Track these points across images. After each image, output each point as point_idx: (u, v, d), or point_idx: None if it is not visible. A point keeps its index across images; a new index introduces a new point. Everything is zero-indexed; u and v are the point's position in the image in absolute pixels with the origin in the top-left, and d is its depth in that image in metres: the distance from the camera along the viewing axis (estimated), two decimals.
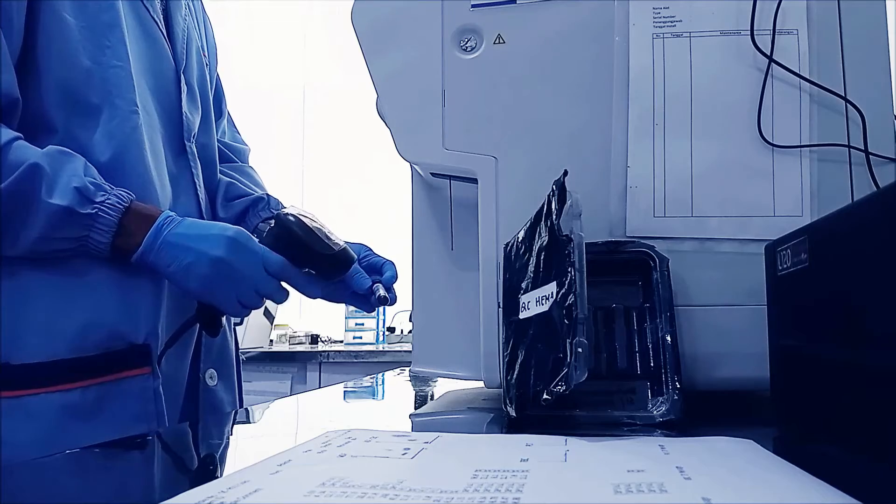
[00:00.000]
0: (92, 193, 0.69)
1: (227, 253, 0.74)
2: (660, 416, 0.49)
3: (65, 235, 0.69)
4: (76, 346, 0.71)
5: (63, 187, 0.68)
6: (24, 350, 0.69)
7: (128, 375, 0.74)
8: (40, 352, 0.70)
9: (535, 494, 0.28)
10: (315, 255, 0.78)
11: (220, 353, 0.91)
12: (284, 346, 3.11)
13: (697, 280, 0.57)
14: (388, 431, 0.45)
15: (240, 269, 0.74)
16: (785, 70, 0.57)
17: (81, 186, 0.69)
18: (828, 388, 0.41)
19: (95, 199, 0.70)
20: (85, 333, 0.72)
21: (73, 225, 0.69)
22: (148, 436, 0.57)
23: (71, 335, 0.71)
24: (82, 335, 0.72)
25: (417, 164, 0.66)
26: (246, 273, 0.75)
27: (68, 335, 0.71)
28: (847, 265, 0.38)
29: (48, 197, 0.67)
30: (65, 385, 0.70)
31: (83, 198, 0.69)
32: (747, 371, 0.55)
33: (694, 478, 0.30)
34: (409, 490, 0.29)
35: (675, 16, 0.59)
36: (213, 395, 0.88)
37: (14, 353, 0.69)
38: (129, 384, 0.74)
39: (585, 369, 0.40)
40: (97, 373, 0.72)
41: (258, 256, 0.76)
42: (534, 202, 0.51)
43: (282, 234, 0.77)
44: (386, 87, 0.64)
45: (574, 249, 0.43)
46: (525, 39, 0.62)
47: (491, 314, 0.60)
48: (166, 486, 0.40)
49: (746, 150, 0.57)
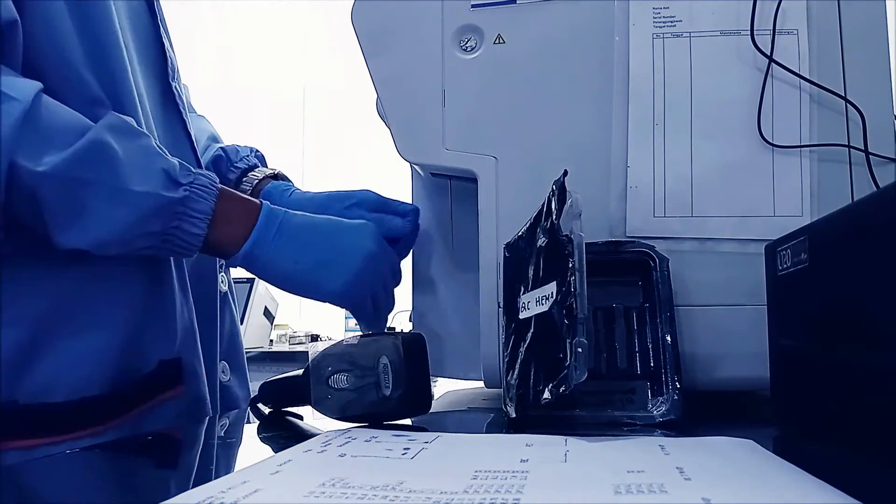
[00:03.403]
0: (178, 174, 0.56)
1: (378, 247, 0.62)
2: (660, 416, 0.49)
3: (149, 230, 0.55)
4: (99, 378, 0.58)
5: (144, 168, 0.54)
6: (37, 386, 0.56)
7: (161, 400, 0.63)
8: (58, 389, 0.56)
9: (535, 495, 0.28)
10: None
11: (230, 343, 0.80)
12: (284, 346, 3.10)
13: (697, 280, 0.57)
14: (388, 431, 0.45)
15: (383, 263, 0.63)
16: (785, 70, 0.57)
17: (167, 167, 0.55)
18: (828, 388, 0.41)
19: (182, 180, 0.56)
20: (111, 361, 0.59)
21: (160, 215, 0.55)
22: (149, 436, 0.57)
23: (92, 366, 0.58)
24: (107, 363, 0.59)
25: (417, 164, 0.66)
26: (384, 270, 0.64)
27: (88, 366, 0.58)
28: (847, 265, 0.38)
29: (130, 182, 0.53)
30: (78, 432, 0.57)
31: (169, 180, 0.55)
32: (747, 371, 0.55)
33: (694, 478, 0.30)
34: (409, 491, 0.29)
35: (675, 16, 0.59)
36: (229, 392, 0.78)
37: (26, 390, 0.55)
38: (160, 410, 0.63)
39: (585, 369, 0.40)
40: (121, 409, 0.60)
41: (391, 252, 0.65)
42: (534, 202, 0.51)
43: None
44: (386, 87, 0.64)
45: (574, 249, 0.43)
46: (525, 39, 0.62)
47: (491, 314, 0.60)
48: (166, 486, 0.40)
49: (746, 150, 0.57)
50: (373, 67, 0.64)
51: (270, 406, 0.62)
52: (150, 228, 0.54)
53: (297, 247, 0.59)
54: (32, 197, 0.51)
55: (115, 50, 0.61)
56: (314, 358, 0.53)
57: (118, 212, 0.53)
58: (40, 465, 0.47)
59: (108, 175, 0.53)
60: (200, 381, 0.69)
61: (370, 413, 0.50)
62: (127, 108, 0.61)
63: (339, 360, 0.51)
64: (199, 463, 0.47)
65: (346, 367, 0.51)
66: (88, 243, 0.54)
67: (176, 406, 0.65)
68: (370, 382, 0.50)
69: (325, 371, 0.52)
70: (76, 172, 0.52)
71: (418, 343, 0.52)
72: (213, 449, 0.53)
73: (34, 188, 0.51)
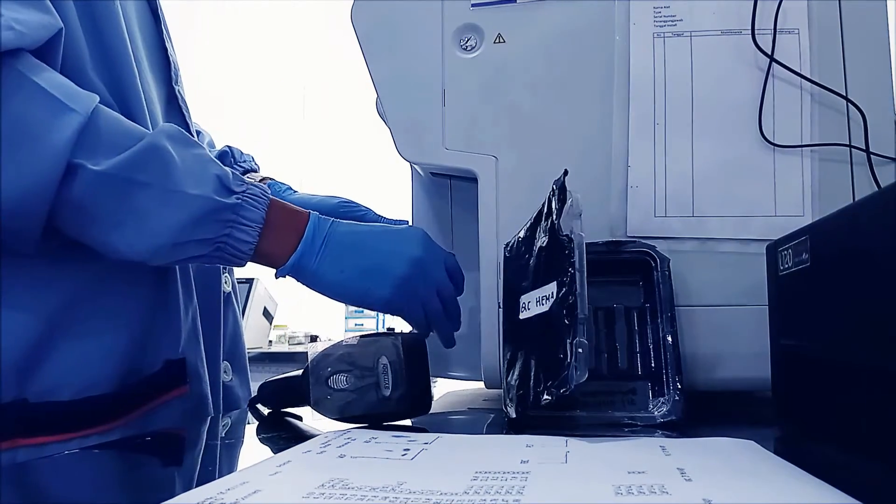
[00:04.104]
0: (231, 182, 0.56)
1: (424, 252, 0.61)
2: (661, 416, 0.49)
3: (202, 236, 0.54)
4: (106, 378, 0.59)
5: (198, 174, 0.54)
6: (46, 385, 0.56)
7: (165, 400, 0.64)
8: (66, 388, 0.57)
9: (535, 496, 0.28)
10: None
11: (233, 343, 0.80)
12: (284, 347, 3.10)
13: (698, 280, 0.57)
14: (388, 432, 0.45)
15: (433, 268, 0.62)
16: (786, 70, 0.57)
17: (221, 174, 0.55)
18: (828, 388, 0.41)
19: (235, 188, 0.56)
20: (118, 361, 0.60)
21: (213, 221, 0.54)
22: (148, 436, 0.57)
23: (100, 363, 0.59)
24: (114, 363, 0.60)
25: (417, 164, 0.66)
26: (434, 275, 0.62)
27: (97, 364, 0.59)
28: (848, 265, 0.38)
29: (184, 185, 0.53)
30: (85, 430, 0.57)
31: (222, 186, 0.55)
32: (748, 371, 0.55)
33: (695, 479, 0.30)
34: (408, 492, 0.29)
35: (675, 15, 0.59)
36: (231, 392, 0.78)
37: (35, 389, 0.56)
38: (165, 410, 0.63)
39: (586, 370, 0.40)
40: (127, 408, 0.61)
41: (441, 255, 0.63)
42: (534, 202, 0.51)
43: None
44: (386, 87, 0.64)
45: (574, 249, 0.43)
46: (525, 39, 0.61)
47: (491, 314, 0.60)
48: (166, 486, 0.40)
49: (747, 150, 0.57)
50: (373, 67, 0.64)
51: (270, 406, 0.62)
52: (202, 234, 0.54)
53: (342, 256, 0.59)
54: (87, 198, 0.52)
55: (123, 54, 0.62)
56: (313, 358, 0.53)
57: (171, 214, 0.53)
58: (41, 464, 0.46)
59: (163, 178, 0.53)
60: (203, 381, 0.69)
61: (370, 414, 0.50)
62: (134, 111, 0.62)
63: (339, 360, 0.51)
64: (200, 463, 0.47)
65: (345, 367, 0.51)
66: (143, 247, 0.54)
67: (180, 406, 0.65)
68: (370, 383, 0.49)
69: (324, 371, 0.51)
70: (132, 174, 0.52)
71: (418, 343, 0.52)
72: (215, 450, 0.53)
73: (90, 188, 0.51)
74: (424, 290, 0.61)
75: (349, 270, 0.59)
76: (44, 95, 0.50)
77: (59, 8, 0.56)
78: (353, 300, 0.62)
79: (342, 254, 0.59)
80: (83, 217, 0.53)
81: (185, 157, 0.55)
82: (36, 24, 0.52)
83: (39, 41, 0.52)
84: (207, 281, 0.74)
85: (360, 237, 0.61)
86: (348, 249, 0.60)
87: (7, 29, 0.49)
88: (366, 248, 0.60)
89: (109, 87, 0.59)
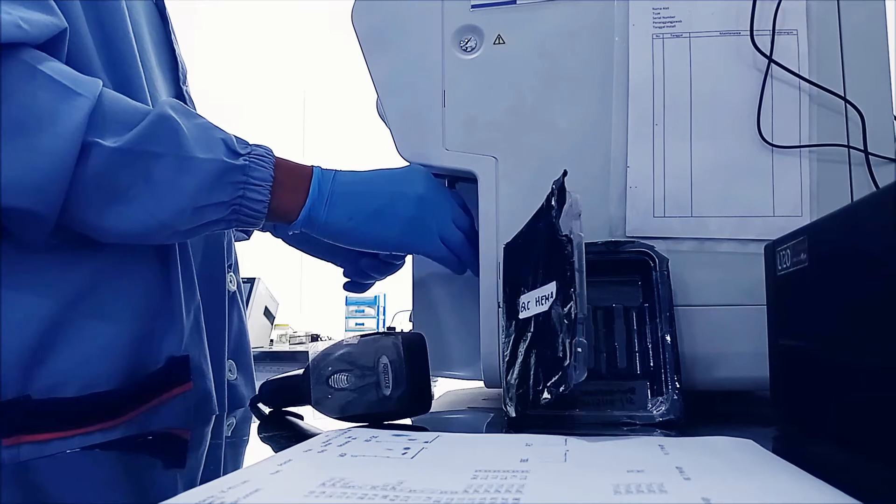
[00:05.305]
0: (236, 145, 0.58)
1: (428, 188, 0.62)
2: (659, 416, 0.49)
3: (218, 199, 0.56)
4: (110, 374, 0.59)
5: (206, 140, 0.56)
6: (49, 382, 0.56)
7: (169, 396, 0.64)
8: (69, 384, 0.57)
9: (534, 495, 0.28)
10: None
11: (238, 342, 0.81)
12: (285, 346, 3.10)
13: (697, 280, 0.57)
14: (388, 431, 0.45)
15: (440, 202, 0.63)
16: (784, 70, 0.57)
17: (226, 138, 0.58)
18: (828, 388, 0.41)
19: (241, 150, 0.58)
20: (122, 357, 0.60)
21: (226, 182, 0.56)
22: (149, 435, 0.57)
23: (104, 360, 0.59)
24: (118, 359, 0.60)
25: (417, 164, 0.66)
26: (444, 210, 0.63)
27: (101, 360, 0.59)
28: (847, 265, 0.38)
29: (195, 151, 0.55)
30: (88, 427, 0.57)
31: (229, 150, 0.57)
32: (747, 371, 0.55)
33: (694, 478, 0.30)
34: (409, 490, 0.29)
35: (674, 16, 0.59)
36: (235, 391, 0.78)
37: (38, 385, 0.56)
38: (168, 407, 0.64)
39: (585, 369, 0.40)
40: (131, 405, 0.61)
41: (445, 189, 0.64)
42: (534, 202, 0.51)
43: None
44: (386, 88, 0.64)
45: (574, 249, 0.43)
46: (525, 39, 0.62)
47: (491, 314, 0.60)
48: (166, 486, 0.40)
49: (746, 151, 0.57)
50: (373, 68, 0.64)
51: (271, 406, 0.62)
52: (219, 197, 0.56)
53: (348, 203, 0.61)
54: (105, 174, 0.53)
55: (130, 54, 0.63)
56: (314, 358, 0.53)
57: (188, 179, 0.55)
58: (41, 464, 0.47)
59: (176, 147, 0.55)
60: (207, 379, 0.69)
61: (370, 413, 0.50)
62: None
63: (340, 359, 0.51)
64: (203, 462, 0.47)
65: (346, 366, 0.51)
66: (165, 215, 0.55)
67: (184, 403, 0.65)
68: (370, 382, 0.50)
69: (325, 371, 0.52)
70: (147, 146, 0.54)
71: (418, 343, 0.52)
72: (220, 449, 0.53)
73: (107, 164, 0.53)
74: (437, 224, 0.62)
75: (357, 216, 0.61)
76: (51, 82, 0.52)
77: (66, 8, 0.57)
78: (366, 244, 0.64)
79: (348, 201, 0.61)
80: (102, 194, 0.54)
81: (190, 125, 0.57)
82: (39, 23, 0.53)
83: (42, 38, 0.53)
84: (212, 280, 0.74)
85: (364, 183, 0.62)
86: (354, 197, 0.61)
87: (13, 25, 0.50)
88: (371, 192, 0.61)
89: (116, 87, 0.60)
